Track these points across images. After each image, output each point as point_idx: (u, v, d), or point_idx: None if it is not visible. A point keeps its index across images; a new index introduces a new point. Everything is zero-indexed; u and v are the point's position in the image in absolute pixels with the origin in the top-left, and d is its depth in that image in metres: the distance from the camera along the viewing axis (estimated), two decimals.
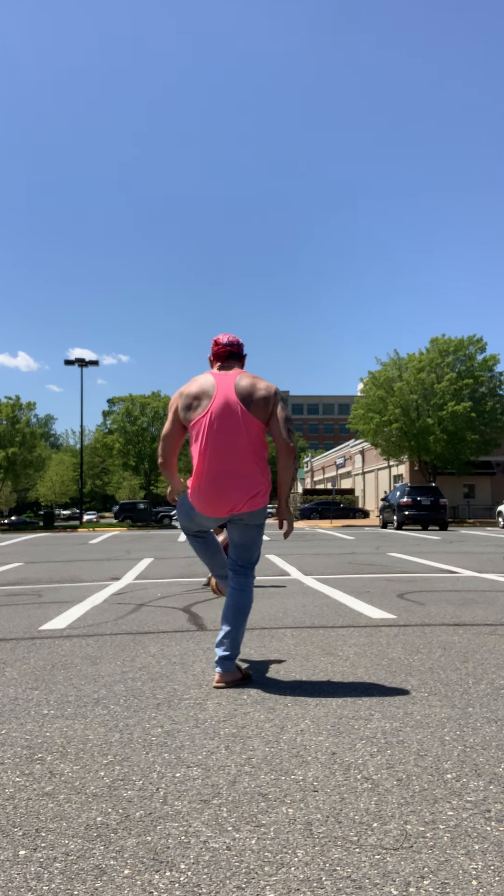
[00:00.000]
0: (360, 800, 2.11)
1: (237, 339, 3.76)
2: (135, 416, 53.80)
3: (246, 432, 3.47)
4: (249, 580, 3.65)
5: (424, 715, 2.94)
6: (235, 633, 3.52)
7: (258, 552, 3.69)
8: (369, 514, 49.03)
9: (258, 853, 1.79)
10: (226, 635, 3.51)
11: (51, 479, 73.02)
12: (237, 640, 3.52)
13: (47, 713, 3.06)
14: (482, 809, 2.04)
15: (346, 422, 46.48)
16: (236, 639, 3.52)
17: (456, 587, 7.65)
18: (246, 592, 3.60)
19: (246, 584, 3.62)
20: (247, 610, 3.58)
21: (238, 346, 3.74)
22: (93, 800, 2.14)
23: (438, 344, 39.31)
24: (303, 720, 2.90)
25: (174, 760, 2.46)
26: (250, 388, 3.51)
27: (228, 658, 3.48)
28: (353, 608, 6.08)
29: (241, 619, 3.54)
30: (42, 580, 9.28)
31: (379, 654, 4.17)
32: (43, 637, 4.94)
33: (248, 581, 3.64)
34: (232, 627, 3.52)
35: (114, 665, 3.98)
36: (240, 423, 3.46)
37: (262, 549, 14.91)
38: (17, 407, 47.10)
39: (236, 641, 3.52)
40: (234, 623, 3.52)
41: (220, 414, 3.47)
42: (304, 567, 10.44)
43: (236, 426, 3.46)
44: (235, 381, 3.54)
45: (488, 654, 4.15)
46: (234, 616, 3.53)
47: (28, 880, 1.68)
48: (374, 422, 37.87)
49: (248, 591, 3.61)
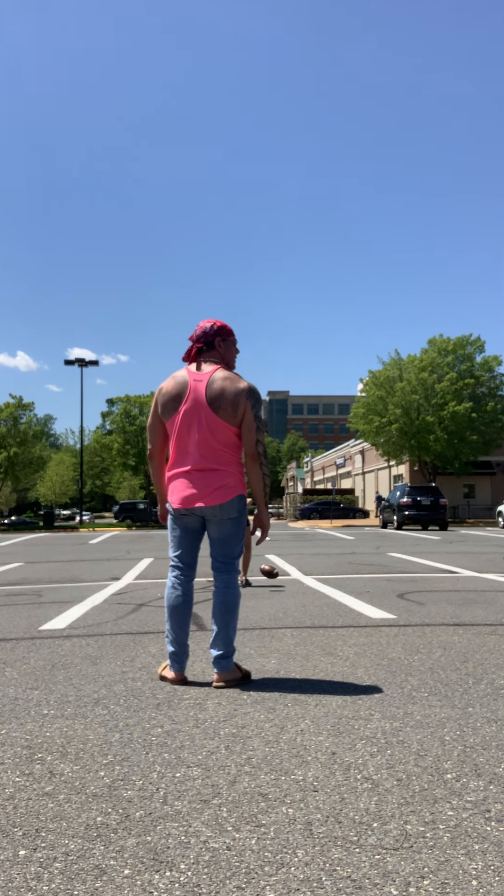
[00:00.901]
0: (360, 800, 2.11)
1: (205, 326, 3.61)
2: (133, 416, 53.81)
3: (213, 436, 3.46)
4: (233, 577, 3.63)
5: (424, 715, 2.94)
6: (226, 631, 3.51)
7: (239, 546, 3.65)
8: (369, 513, 49.02)
9: (258, 853, 1.79)
10: (217, 635, 3.51)
11: (51, 479, 72.98)
12: (229, 638, 3.51)
13: (47, 713, 3.06)
14: (482, 809, 2.04)
15: (346, 422, 46.47)
16: (228, 637, 3.51)
17: (456, 587, 7.65)
18: (231, 589, 3.58)
19: (230, 580, 3.61)
20: (235, 606, 3.55)
21: (206, 333, 3.59)
22: (93, 800, 2.14)
23: (437, 344, 39.32)
24: (303, 720, 2.90)
25: (174, 760, 2.46)
26: (220, 392, 3.46)
27: (224, 657, 3.48)
28: (353, 608, 6.08)
29: (229, 616, 3.52)
30: (42, 580, 9.28)
31: (379, 654, 4.17)
32: (43, 637, 4.94)
33: (231, 578, 3.62)
34: (222, 626, 3.51)
35: (114, 665, 3.98)
36: (206, 427, 3.46)
37: (261, 549, 14.95)
38: (19, 406, 47.09)
39: (229, 639, 3.51)
40: (224, 621, 3.51)
41: (188, 418, 3.48)
42: (304, 567, 10.43)
43: (203, 430, 3.46)
44: (207, 383, 3.49)
45: (488, 654, 4.15)
46: (221, 614, 3.52)
47: (28, 880, 1.68)
48: (374, 423, 37.86)
49: (232, 587, 3.59)
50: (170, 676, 3.54)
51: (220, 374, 3.52)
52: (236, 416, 3.48)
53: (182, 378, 3.55)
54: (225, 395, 3.46)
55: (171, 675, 3.54)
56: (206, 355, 3.61)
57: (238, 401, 3.47)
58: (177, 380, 3.56)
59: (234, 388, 3.48)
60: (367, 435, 39.44)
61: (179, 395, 3.51)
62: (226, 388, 3.47)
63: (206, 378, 3.50)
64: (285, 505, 57.00)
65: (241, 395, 3.48)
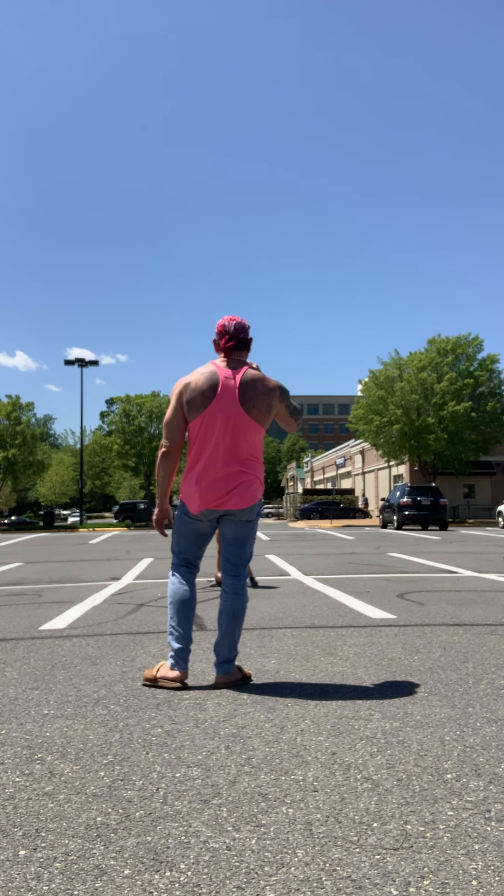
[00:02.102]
0: (360, 800, 2.11)
1: (244, 325, 3.54)
2: (132, 416, 53.78)
3: (241, 437, 3.39)
4: (242, 581, 3.58)
5: (424, 715, 2.94)
6: (232, 636, 3.46)
7: (251, 549, 3.61)
8: (369, 514, 49.02)
9: (258, 853, 1.79)
10: (222, 640, 3.45)
11: (51, 480, 73.01)
12: (234, 643, 3.47)
13: (47, 713, 3.06)
14: (482, 809, 2.04)
15: (346, 422, 46.46)
16: (233, 642, 3.47)
17: (456, 587, 7.65)
18: (240, 595, 3.52)
19: (238, 586, 3.55)
20: (242, 612, 3.51)
21: (245, 331, 3.53)
22: (93, 800, 2.14)
23: (436, 344, 39.35)
24: (303, 720, 2.90)
25: (174, 760, 2.46)
26: (254, 392, 3.39)
27: (228, 661, 3.46)
28: (353, 608, 6.08)
29: (236, 622, 3.47)
30: (42, 580, 9.28)
31: (379, 654, 4.17)
32: (43, 637, 4.94)
33: (239, 583, 3.56)
34: (228, 632, 3.45)
35: (114, 665, 3.98)
36: (236, 427, 3.37)
37: (260, 548, 14.94)
38: (17, 406, 47.02)
39: (233, 644, 3.47)
40: (230, 627, 3.46)
41: (217, 416, 3.37)
42: (304, 567, 10.43)
43: (231, 430, 3.37)
44: (240, 382, 3.40)
45: (488, 654, 4.15)
46: (228, 620, 3.47)
47: (28, 880, 1.68)
48: (374, 423, 37.86)
49: (241, 593, 3.54)
50: (173, 675, 3.40)
51: (252, 374, 3.44)
52: (269, 416, 3.44)
53: (212, 374, 3.42)
54: (258, 396, 3.39)
55: (175, 673, 3.40)
56: (237, 353, 3.53)
57: (272, 403, 3.42)
58: (206, 375, 3.42)
59: (266, 389, 3.41)
60: (367, 435, 39.44)
61: (209, 391, 3.38)
62: (259, 389, 3.40)
63: (238, 376, 3.41)
64: (285, 505, 56.96)
65: (274, 396, 3.43)
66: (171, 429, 3.50)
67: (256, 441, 3.46)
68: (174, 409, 3.48)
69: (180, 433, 3.50)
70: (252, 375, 3.45)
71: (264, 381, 3.45)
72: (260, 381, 3.44)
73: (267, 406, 3.42)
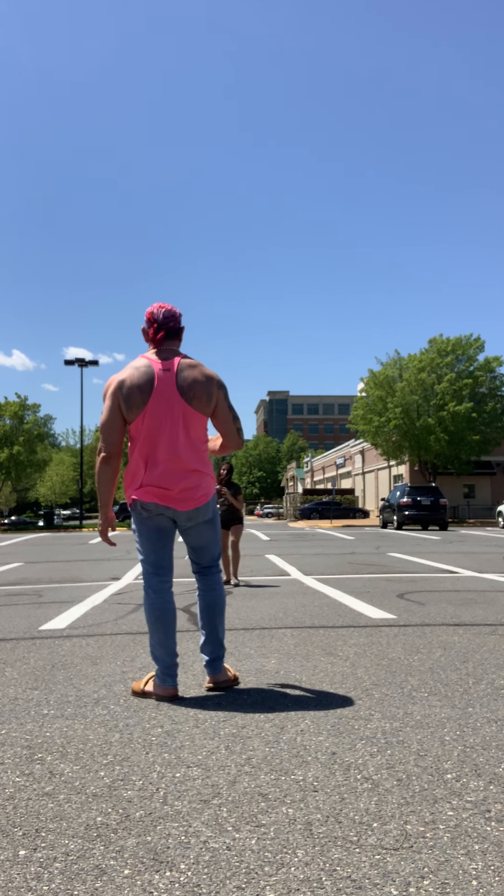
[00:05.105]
0: (360, 800, 2.11)
1: (174, 312, 3.39)
2: None
3: (187, 430, 3.25)
4: (216, 576, 3.49)
5: (424, 715, 2.94)
6: (216, 633, 3.41)
7: (219, 546, 3.52)
8: (369, 513, 49.01)
9: (258, 853, 1.79)
10: (207, 639, 3.41)
11: (51, 479, 72.95)
12: (219, 640, 3.41)
13: (47, 713, 3.06)
14: (482, 809, 2.04)
15: (346, 422, 46.45)
16: (218, 639, 3.41)
17: (456, 587, 7.65)
18: (216, 591, 3.45)
19: (212, 582, 3.46)
20: (223, 607, 3.44)
21: (175, 320, 3.38)
22: (93, 800, 2.14)
23: (437, 344, 39.30)
24: (303, 720, 2.90)
25: (174, 760, 2.46)
26: (192, 381, 3.25)
27: (217, 659, 3.41)
28: (353, 608, 6.08)
29: (217, 618, 3.41)
30: (42, 580, 9.28)
31: (379, 654, 4.17)
32: (43, 637, 4.94)
33: (214, 579, 3.47)
34: (211, 629, 3.40)
35: (114, 665, 3.98)
36: (181, 421, 3.23)
37: (260, 548, 14.93)
38: (24, 406, 47.08)
39: (219, 641, 3.41)
40: (213, 624, 3.40)
41: (160, 412, 3.22)
42: (304, 567, 10.43)
43: (177, 424, 3.23)
44: (176, 372, 3.25)
45: (488, 654, 4.15)
46: (210, 617, 3.40)
47: (28, 880, 1.68)
48: (374, 423, 37.86)
49: (217, 588, 3.46)
50: (162, 693, 3.24)
51: (187, 363, 3.31)
52: (210, 405, 3.29)
53: (146, 367, 3.26)
54: (197, 384, 3.25)
55: (165, 691, 3.24)
56: (169, 343, 3.38)
57: (211, 390, 3.28)
58: (140, 370, 3.25)
59: (204, 377, 3.28)
60: (367, 435, 39.43)
61: (146, 386, 3.22)
62: (196, 377, 3.27)
63: (174, 367, 3.27)
64: (285, 505, 56.94)
65: (213, 383, 3.29)
66: (110, 431, 3.28)
67: (201, 431, 3.34)
68: (110, 410, 3.27)
69: (119, 435, 3.29)
70: (187, 364, 3.31)
71: (201, 368, 3.33)
72: (196, 368, 3.31)
73: (207, 394, 3.27)
